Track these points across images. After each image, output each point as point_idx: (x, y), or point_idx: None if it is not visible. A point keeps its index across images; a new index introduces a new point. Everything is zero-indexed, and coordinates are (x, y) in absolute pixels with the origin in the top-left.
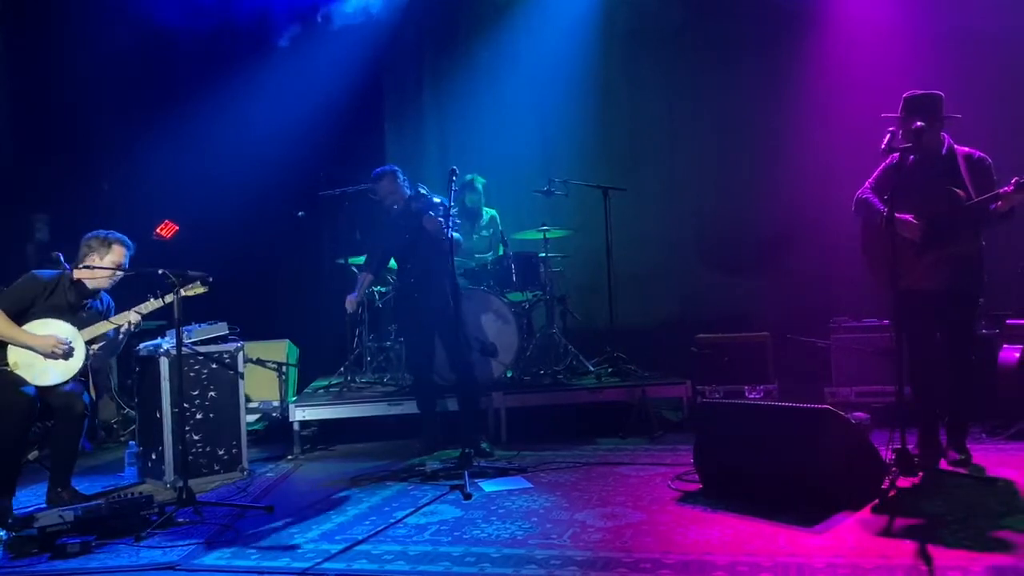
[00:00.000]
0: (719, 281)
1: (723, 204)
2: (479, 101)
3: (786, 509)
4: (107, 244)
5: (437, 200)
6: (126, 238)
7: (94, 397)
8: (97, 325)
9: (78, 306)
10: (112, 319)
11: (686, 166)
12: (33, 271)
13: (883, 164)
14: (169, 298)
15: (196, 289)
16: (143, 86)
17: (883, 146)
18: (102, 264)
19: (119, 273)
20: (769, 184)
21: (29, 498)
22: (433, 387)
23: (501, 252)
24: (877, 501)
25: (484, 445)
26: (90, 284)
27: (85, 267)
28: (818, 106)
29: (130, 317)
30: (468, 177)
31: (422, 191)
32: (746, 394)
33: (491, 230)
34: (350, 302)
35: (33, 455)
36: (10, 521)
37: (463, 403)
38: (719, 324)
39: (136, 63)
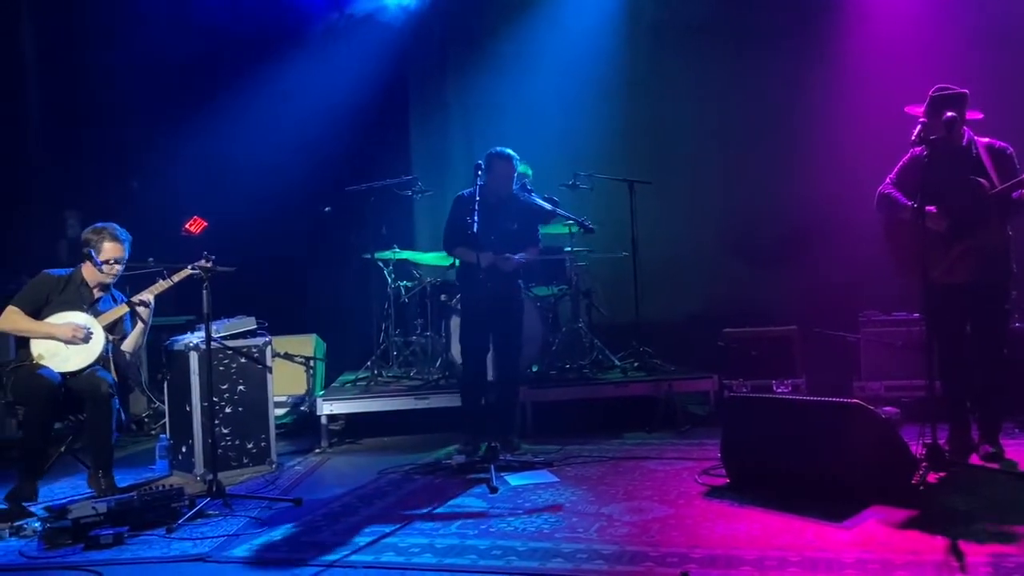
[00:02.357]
0: (746, 275)
1: (749, 197)
2: (504, 95)
3: (814, 504)
4: (101, 239)
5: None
6: (118, 231)
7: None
8: (113, 311)
9: (92, 301)
10: (126, 301)
11: (712, 159)
12: (45, 270)
13: (904, 158)
14: (177, 277)
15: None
16: (172, 85)
17: (914, 137)
18: (101, 257)
19: (118, 267)
20: (796, 177)
21: (64, 490)
22: (484, 383)
23: None
24: (907, 496)
25: (512, 439)
26: (92, 281)
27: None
28: (845, 99)
29: (143, 296)
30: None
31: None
32: (774, 388)
33: None
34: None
35: (63, 448)
36: (44, 511)
37: (503, 399)
38: (746, 318)
39: (165, 62)
